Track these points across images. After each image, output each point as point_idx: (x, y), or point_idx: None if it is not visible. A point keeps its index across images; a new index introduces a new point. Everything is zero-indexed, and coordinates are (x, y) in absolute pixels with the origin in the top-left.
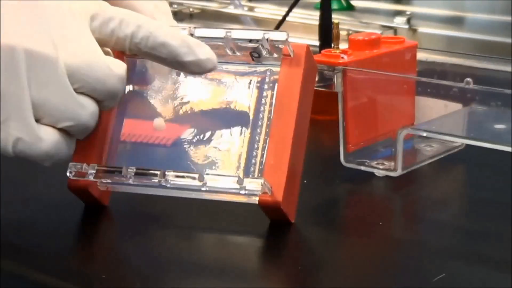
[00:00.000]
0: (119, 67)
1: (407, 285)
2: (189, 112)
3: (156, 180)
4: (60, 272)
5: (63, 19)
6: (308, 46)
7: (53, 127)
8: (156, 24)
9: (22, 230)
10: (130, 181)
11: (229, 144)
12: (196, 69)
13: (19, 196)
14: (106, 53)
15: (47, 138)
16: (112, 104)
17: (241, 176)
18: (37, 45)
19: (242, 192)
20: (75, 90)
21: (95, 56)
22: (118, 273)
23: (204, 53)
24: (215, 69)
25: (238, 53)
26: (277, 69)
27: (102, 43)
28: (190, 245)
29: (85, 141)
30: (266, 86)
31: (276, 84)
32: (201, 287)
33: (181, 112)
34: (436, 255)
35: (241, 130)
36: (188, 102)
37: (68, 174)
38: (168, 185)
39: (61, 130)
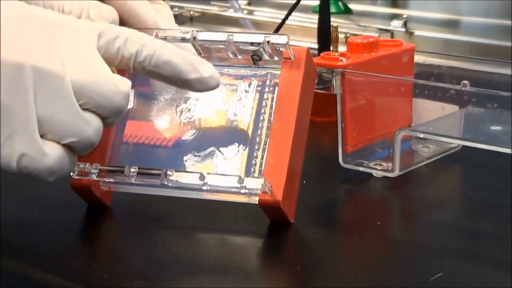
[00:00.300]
0: (125, 84)
1: (405, 285)
2: (190, 114)
3: (158, 180)
4: (61, 272)
5: (71, 37)
6: (309, 49)
7: (58, 142)
8: (160, 43)
9: (23, 229)
10: (132, 181)
11: (230, 145)
12: (199, 86)
13: (20, 195)
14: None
15: (51, 154)
16: (116, 121)
17: (242, 175)
18: (45, 61)
19: (243, 191)
20: (80, 106)
21: (101, 73)
22: (120, 273)
23: (207, 71)
24: (218, 86)
25: (239, 56)
26: (277, 72)
27: (107, 62)
28: (191, 245)
29: None
30: (266, 89)
31: (277, 87)
32: (202, 286)
33: (182, 114)
34: (434, 254)
35: (242, 131)
36: (189, 104)
37: (71, 173)
38: (170, 184)
39: (65, 146)
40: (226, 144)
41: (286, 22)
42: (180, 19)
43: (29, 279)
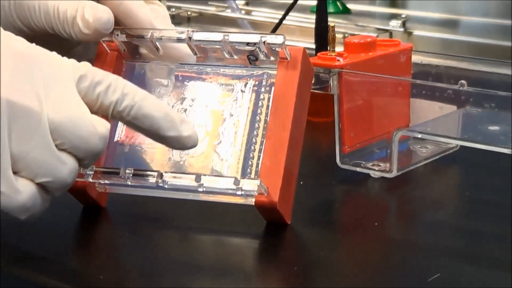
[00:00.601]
0: (103, 126)
1: (403, 285)
2: (186, 114)
3: (154, 181)
4: (58, 273)
5: (51, 74)
6: (305, 49)
7: (31, 180)
8: (142, 94)
9: (21, 231)
10: (128, 182)
11: (226, 145)
12: (175, 145)
13: None
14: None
15: (24, 191)
16: (91, 163)
17: (238, 177)
18: (21, 97)
19: (239, 192)
20: (56, 146)
21: (80, 113)
22: (116, 274)
23: (187, 130)
24: (195, 147)
25: (235, 56)
26: (273, 72)
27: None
28: (187, 246)
29: None
30: (263, 89)
31: (273, 87)
32: (198, 287)
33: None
34: (432, 255)
35: (238, 132)
36: (185, 105)
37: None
38: (166, 186)
39: (38, 185)
40: (222, 145)
41: (284, 22)
42: (177, 19)
43: (25, 280)
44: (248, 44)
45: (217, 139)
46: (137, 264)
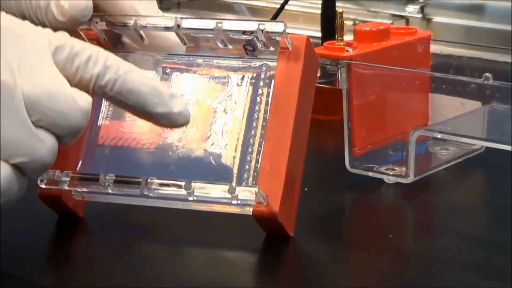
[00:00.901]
0: (84, 100)
1: None
2: None
3: (138, 189)
4: None
5: (25, 44)
6: (309, 38)
7: (6, 161)
8: (127, 66)
9: None
10: (109, 190)
11: (220, 148)
12: (165, 122)
13: None
14: None
15: None
16: (72, 141)
17: (233, 184)
18: None
19: (234, 202)
20: (33, 123)
21: (58, 86)
22: None
23: (177, 105)
24: (187, 124)
25: (230, 46)
26: (273, 63)
27: None
28: (177, 261)
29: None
30: (261, 83)
31: (273, 81)
32: None
33: None
34: (452, 271)
35: (234, 132)
36: None
37: (39, 182)
38: (152, 195)
39: (14, 166)
40: (215, 147)
41: (286, 7)
42: (165, 5)
43: None
44: (244, 32)
45: (209, 140)
46: (119, 283)
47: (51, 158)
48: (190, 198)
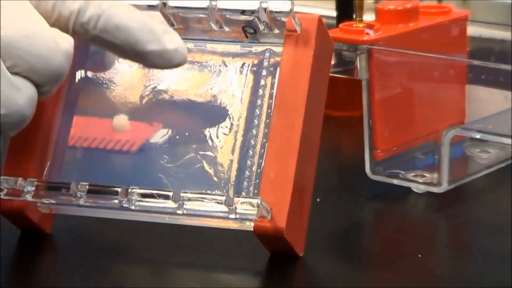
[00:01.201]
0: (66, 41)
1: None
2: (161, 107)
3: (116, 200)
4: None
5: None
6: (321, 18)
7: None
8: (110, 1)
9: None
10: (81, 202)
11: (215, 150)
12: (159, 61)
13: None
14: None
15: None
16: (53, 89)
17: (231, 194)
18: None
19: (232, 216)
20: (8, 68)
21: (36, 26)
22: None
23: (173, 42)
24: (184, 63)
25: (226, 28)
26: (279, 49)
27: None
28: (162, 285)
29: (21, 146)
30: (264, 72)
31: (278, 69)
32: None
33: (151, 107)
34: None
35: (231, 131)
36: (160, 94)
37: None
38: (132, 207)
39: None
40: (209, 149)
41: None
42: None
43: None
44: (243, 12)
45: (202, 141)
46: None
47: (30, 110)
48: (179, 212)
